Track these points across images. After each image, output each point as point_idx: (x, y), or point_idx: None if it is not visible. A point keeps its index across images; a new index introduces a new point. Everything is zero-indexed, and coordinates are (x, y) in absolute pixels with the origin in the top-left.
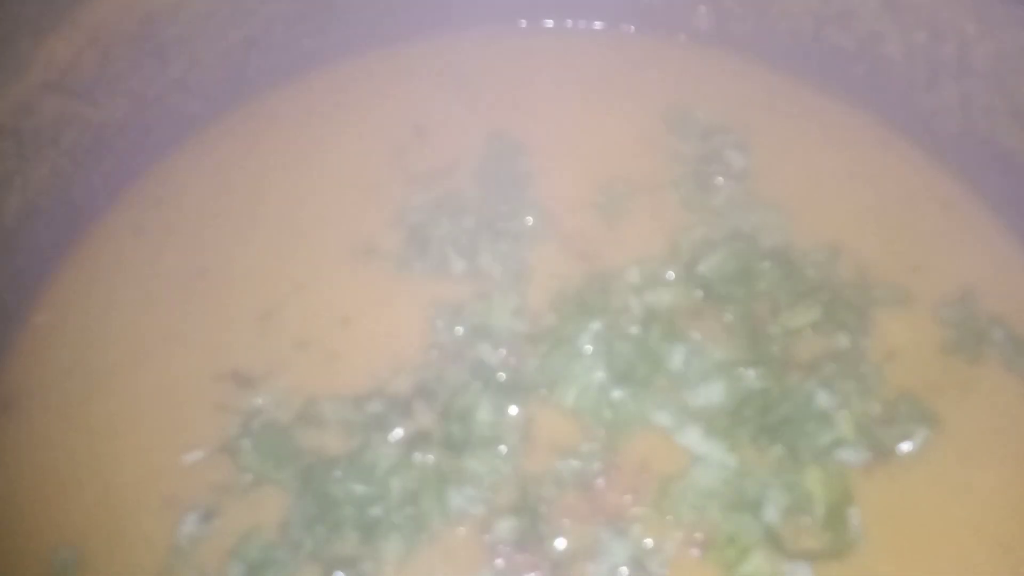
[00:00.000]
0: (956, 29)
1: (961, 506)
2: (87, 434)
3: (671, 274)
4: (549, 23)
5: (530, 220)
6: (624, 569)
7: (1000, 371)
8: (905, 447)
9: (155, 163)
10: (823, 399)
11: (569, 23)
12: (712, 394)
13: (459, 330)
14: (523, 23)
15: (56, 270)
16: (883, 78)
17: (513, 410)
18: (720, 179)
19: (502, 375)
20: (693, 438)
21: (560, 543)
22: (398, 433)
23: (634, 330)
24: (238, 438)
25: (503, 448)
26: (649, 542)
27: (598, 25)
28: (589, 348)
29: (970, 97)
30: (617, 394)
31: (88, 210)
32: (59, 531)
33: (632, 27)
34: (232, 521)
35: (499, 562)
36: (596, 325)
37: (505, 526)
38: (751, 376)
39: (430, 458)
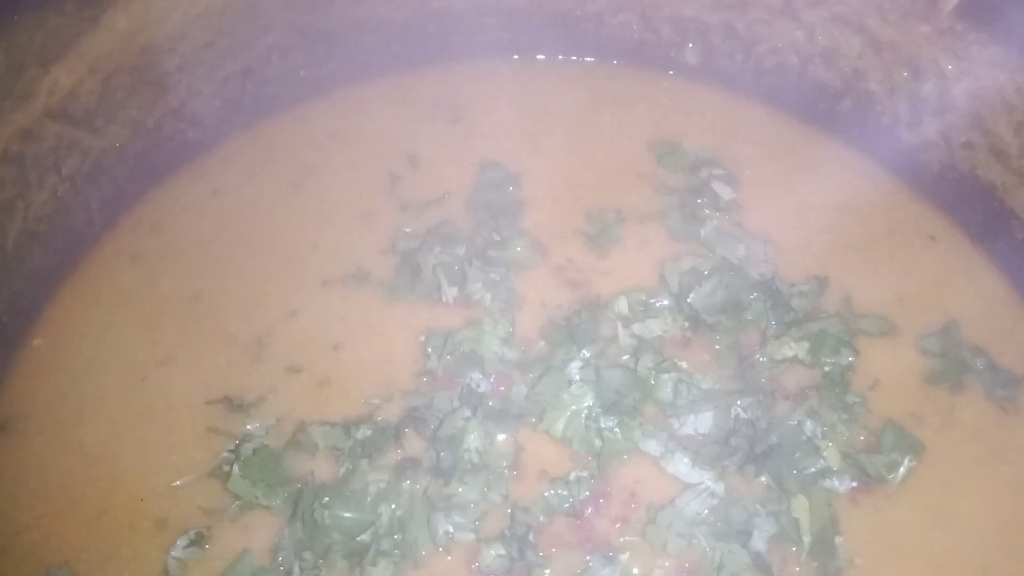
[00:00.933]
0: (935, 68)
1: (944, 533)
2: (81, 456)
3: (660, 304)
4: (541, 57)
5: (520, 249)
6: None
7: (981, 399)
8: (890, 475)
9: (152, 190)
10: (809, 428)
11: (561, 58)
12: (700, 423)
13: (449, 357)
14: (515, 57)
15: (54, 294)
16: (867, 114)
17: (502, 437)
18: (708, 211)
19: (492, 402)
20: (681, 467)
21: (548, 571)
22: (387, 460)
23: (623, 359)
24: (228, 463)
25: (492, 476)
26: (637, 570)
27: (589, 60)
28: (578, 376)
29: (951, 133)
30: (606, 423)
31: (86, 236)
32: (53, 551)
33: (622, 62)
34: (222, 545)
35: None
36: (585, 354)
37: (494, 554)
38: (739, 406)
39: (419, 485)
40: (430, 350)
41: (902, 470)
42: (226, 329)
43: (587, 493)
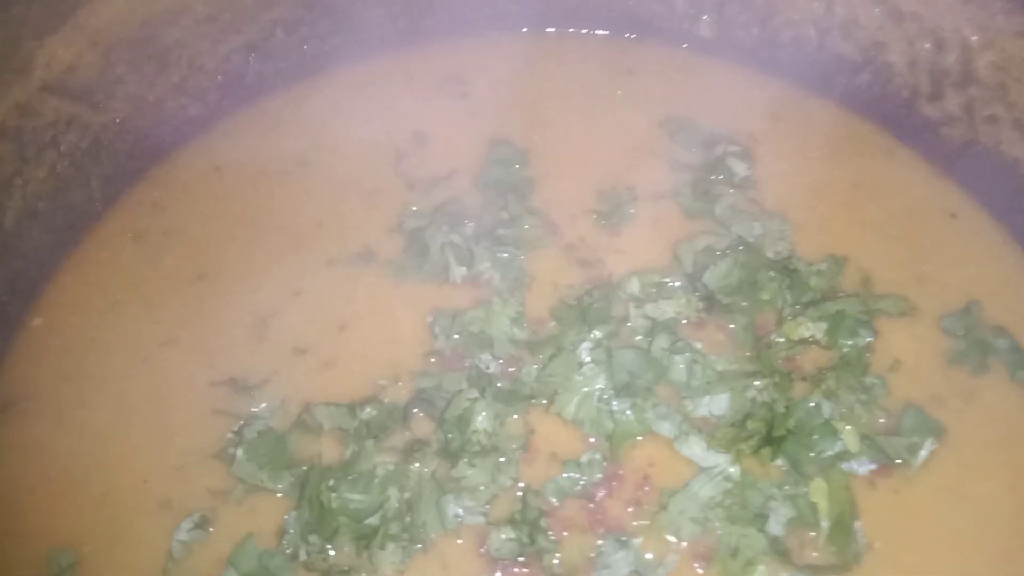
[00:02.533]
0: (958, 39)
1: (964, 516)
2: (84, 437)
3: (674, 284)
4: (551, 31)
5: (530, 227)
6: None
7: (1004, 381)
8: (909, 458)
9: (154, 167)
10: (827, 410)
11: (571, 31)
12: (715, 405)
13: (457, 337)
14: (524, 30)
15: (55, 273)
16: (887, 87)
17: (512, 419)
18: (723, 188)
19: (501, 384)
20: (696, 449)
21: (560, 556)
22: (395, 441)
23: (636, 340)
24: (233, 445)
25: (502, 458)
26: (651, 555)
27: (601, 33)
28: (590, 358)
29: (973, 107)
30: (618, 404)
31: (87, 213)
32: (57, 533)
33: (635, 36)
34: (227, 528)
35: (498, 575)
36: (597, 334)
37: (504, 538)
38: (755, 387)
39: (427, 468)
40: (438, 330)
41: (923, 453)
42: (230, 309)
43: (599, 476)
